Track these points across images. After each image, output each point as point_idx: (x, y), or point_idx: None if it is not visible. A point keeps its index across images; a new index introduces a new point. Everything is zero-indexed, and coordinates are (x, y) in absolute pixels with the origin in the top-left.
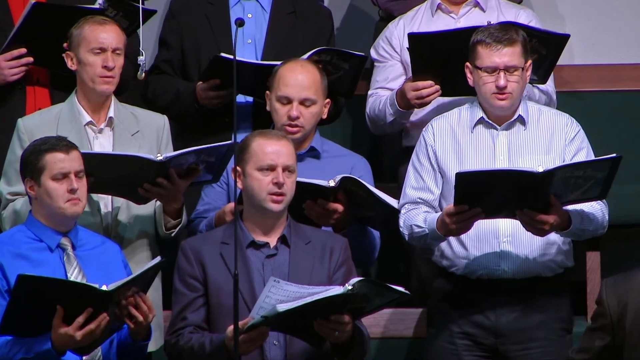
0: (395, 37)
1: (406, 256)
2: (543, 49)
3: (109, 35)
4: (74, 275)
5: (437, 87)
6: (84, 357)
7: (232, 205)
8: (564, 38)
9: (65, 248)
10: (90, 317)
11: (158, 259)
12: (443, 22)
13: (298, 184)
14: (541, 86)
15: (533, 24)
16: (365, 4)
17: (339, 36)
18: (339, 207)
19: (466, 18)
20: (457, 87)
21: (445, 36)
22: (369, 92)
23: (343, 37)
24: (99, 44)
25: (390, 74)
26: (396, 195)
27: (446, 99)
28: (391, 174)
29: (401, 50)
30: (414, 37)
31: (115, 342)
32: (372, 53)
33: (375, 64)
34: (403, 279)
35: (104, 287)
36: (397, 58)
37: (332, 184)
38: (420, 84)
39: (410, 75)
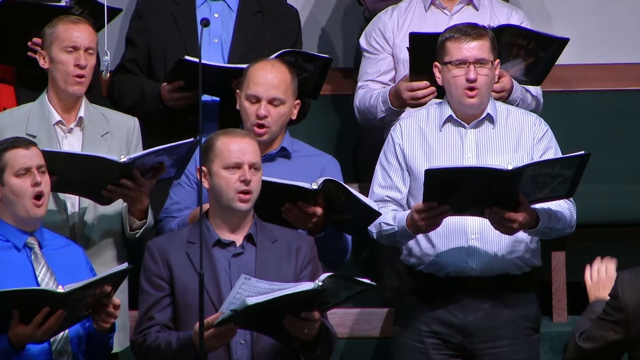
0: (389, 29)
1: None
2: (541, 51)
3: (82, 34)
4: (42, 273)
5: (433, 88)
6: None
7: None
8: (563, 42)
9: (32, 247)
10: (48, 314)
11: (125, 265)
12: (436, 18)
13: (280, 185)
14: (532, 91)
15: (525, 24)
16: (350, 5)
17: (304, 36)
18: (319, 211)
19: (459, 15)
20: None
21: None
22: (359, 84)
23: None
24: (72, 42)
25: (382, 67)
26: None
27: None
28: (365, 174)
29: (394, 43)
30: (415, 37)
31: (84, 339)
32: (362, 42)
33: (366, 54)
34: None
35: (60, 289)
36: (388, 51)
37: (314, 186)
38: (416, 84)
39: (404, 73)
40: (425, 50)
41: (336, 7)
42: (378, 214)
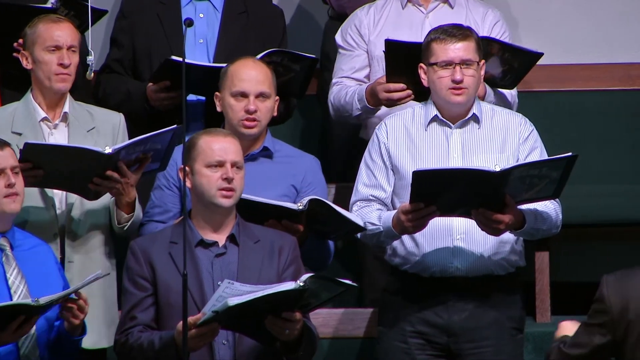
0: (365, 26)
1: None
2: (515, 61)
3: (63, 32)
4: (13, 276)
5: (409, 91)
6: None
7: None
8: (537, 56)
9: (4, 248)
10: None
11: (99, 272)
12: (412, 16)
13: (268, 206)
14: (508, 97)
15: (500, 24)
16: (314, 4)
17: (288, 36)
18: (301, 228)
19: (435, 13)
20: (428, 94)
21: (420, 47)
22: (334, 80)
23: (293, 36)
24: (54, 41)
25: (357, 64)
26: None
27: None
28: (342, 174)
29: (369, 40)
30: (390, 44)
31: (53, 336)
32: (338, 39)
33: (341, 50)
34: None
35: (35, 303)
36: (364, 48)
37: (300, 207)
38: (393, 86)
39: (379, 70)
40: (401, 56)
41: (300, 5)
42: (362, 229)
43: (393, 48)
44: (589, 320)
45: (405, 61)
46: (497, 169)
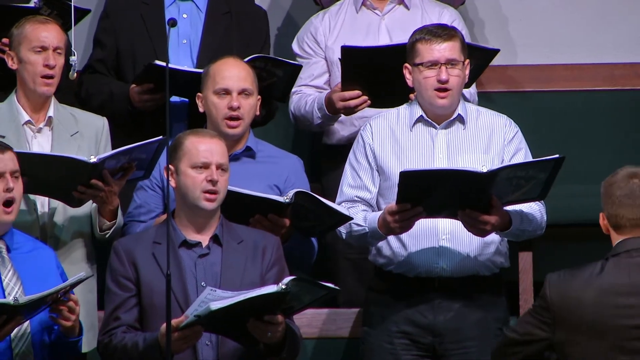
0: (321, 33)
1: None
2: (472, 59)
3: (50, 34)
4: (8, 277)
5: (365, 97)
6: None
7: None
8: (493, 52)
9: (0, 250)
10: (6, 321)
11: (82, 274)
12: (368, 19)
13: (252, 197)
14: (466, 94)
15: (456, 23)
16: (299, 5)
17: (277, 36)
18: (287, 222)
19: (390, 16)
20: (386, 99)
21: (379, 51)
22: (293, 89)
23: (281, 36)
24: (40, 42)
25: (314, 71)
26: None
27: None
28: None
29: (326, 47)
30: (347, 50)
31: (49, 341)
32: (295, 47)
33: (298, 58)
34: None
35: (14, 302)
36: (321, 55)
37: (286, 200)
38: (348, 94)
39: (338, 75)
40: (357, 62)
41: (293, 5)
42: (349, 219)
43: (349, 54)
44: (532, 313)
45: (361, 67)
46: (485, 170)
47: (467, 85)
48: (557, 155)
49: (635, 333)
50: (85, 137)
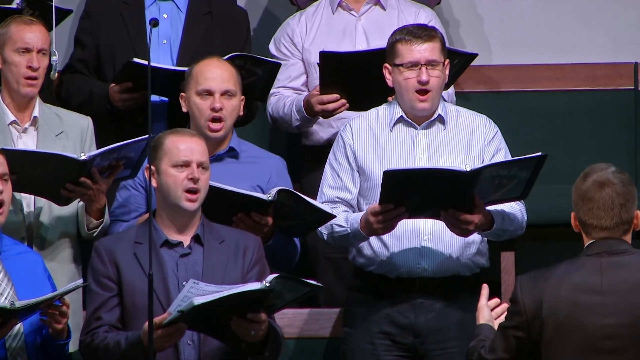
0: (297, 34)
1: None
2: (451, 63)
3: (35, 35)
4: (0, 278)
5: (344, 101)
6: None
7: None
8: (471, 57)
9: None
10: (1, 323)
11: (80, 281)
12: (344, 20)
13: (234, 194)
14: (445, 96)
15: (433, 23)
16: (280, 5)
17: (255, 36)
18: (270, 221)
19: (367, 16)
20: (364, 102)
21: (357, 56)
22: (271, 91)
23: (260, 37)
24: (24, 43)
25: (292, 73)
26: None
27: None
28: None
29: (303, 48)
30: (325, 56)
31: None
32: (272, 49)
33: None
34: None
35: (10, 306)
36: (298, 56)
37: (269, 197)
38: (326, 97)
39: (316, 76)
40: (336, 67)
41: (267, 5)
42: (332, 216)
43: (328, 59)
44: (505, 323)
45: (339, 71)
46: (467, 169)
47: (445, 87)
48: (539, 153)
49: (607, 332)
50: (70, 137)
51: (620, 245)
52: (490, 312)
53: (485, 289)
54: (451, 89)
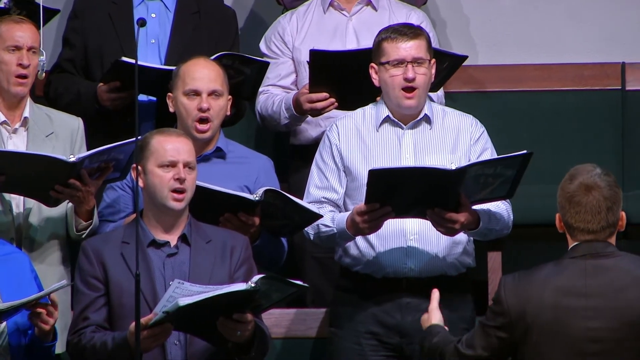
0: (288, 33)
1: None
2: (441, 65)
3: (25, 33)
4: None
5: (333, 100)
6: None
7: None
8: (462, 59)
9: None
10: None
11: (64, 282)
12: (335, 20)
13: (221, 194)
14: (434, 96)
15: (424, 25)
16: (268, 5)
17: (243, 36)
18: (257, 221)
19: (358, 17)
20: (353, 101)
21: (347, 55)
22: (260, 89)
23: (247, 36)
24: (14, 42)
25: (282, 71)
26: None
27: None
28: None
29: (293, 47)
30: (315, 54)
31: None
32: (262, 47)
33: (266, 58)
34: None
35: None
36: (288, 55)
37: (256, 197)
38: (315, 96)
39: (306, 75)
40: (325, 65)
41: (254, 4)
42: (319, 216)
43: (318, 58)
44: (487, 322)
45: (329, 70)
46: (453, 167)
47: (435, 90)
48: (525, 151)
49: (592, 335)
50: (60, 137)
51: (605, 248)
52: (440, 314)
53: (435, 293)
54: (441, 91)
